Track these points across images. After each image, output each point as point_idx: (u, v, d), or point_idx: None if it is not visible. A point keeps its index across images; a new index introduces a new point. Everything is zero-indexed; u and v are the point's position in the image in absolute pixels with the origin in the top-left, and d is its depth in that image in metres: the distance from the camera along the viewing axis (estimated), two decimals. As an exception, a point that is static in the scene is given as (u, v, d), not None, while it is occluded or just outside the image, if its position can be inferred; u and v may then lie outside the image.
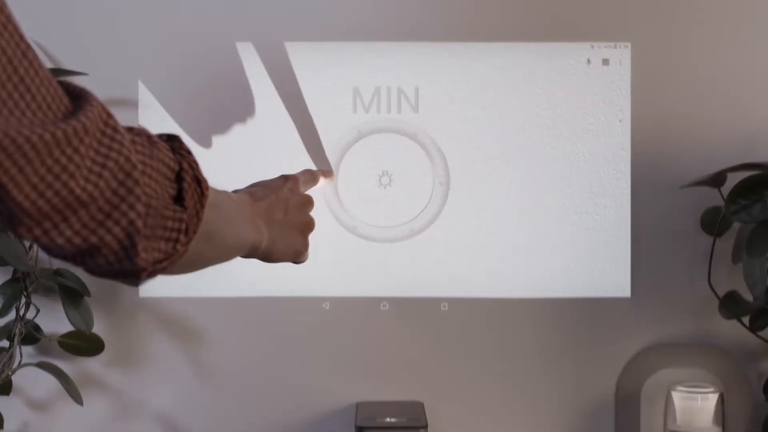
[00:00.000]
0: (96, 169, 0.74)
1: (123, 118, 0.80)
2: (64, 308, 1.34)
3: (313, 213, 1.25)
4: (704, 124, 1.39)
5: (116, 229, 0.76)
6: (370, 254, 1.41)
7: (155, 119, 1.39)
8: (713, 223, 1.37)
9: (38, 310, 1.38)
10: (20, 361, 1.37)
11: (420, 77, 1.40)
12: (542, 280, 1.40)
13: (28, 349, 1.40)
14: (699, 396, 1.35)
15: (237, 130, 1.40)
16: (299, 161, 1.38)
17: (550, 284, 1.40)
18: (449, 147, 1.40)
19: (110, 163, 0.74)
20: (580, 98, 1.39)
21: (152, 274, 0.84)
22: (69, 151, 0.72)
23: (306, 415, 1.42)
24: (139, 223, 0.77)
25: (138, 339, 1.43)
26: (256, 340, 1.42)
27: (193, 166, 0.85)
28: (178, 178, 0.83)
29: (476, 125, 1.40)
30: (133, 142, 0.78)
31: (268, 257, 1.13)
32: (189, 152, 0.86)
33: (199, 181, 0.85)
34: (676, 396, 1.36)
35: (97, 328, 1.41)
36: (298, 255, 1.20)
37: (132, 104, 1.39)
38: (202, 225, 0.85)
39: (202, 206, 0.85)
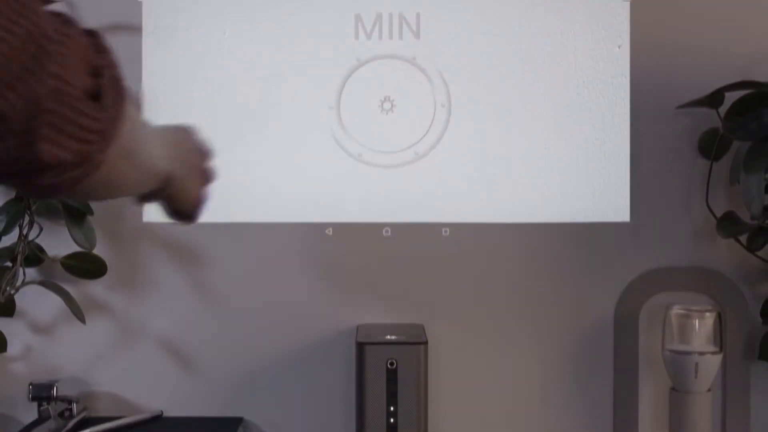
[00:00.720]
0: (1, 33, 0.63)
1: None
2: (68, 227, 1.35)
3: (317, 140, 1.25)
4: (703, 49, 1.41)
5: (19, 103, 0.65)
6: (373, 181, 1.43)
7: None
8: (711, 146, 1.38)
9: (41, 229, 1.39)
10: (23, 280, 1.38)
11: (421, 3, 1.42)
12: (543, 205, 1.42)
13: (31, 272, 1.41)
14: (696, 315, 1.37)
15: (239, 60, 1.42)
16: (299, 97, 1.40)
17: (550, 209, 1.42)
18: (450, 72, 1.42)
19: (17, 29, 0.65)
20: (579, 25, 1.41)
21: (61, 183, 0.70)
22: None
23: (308, 337, 1.44)
24: (48, 103, 0.66)
25: (141, 263, 1.44)
26: (259, 264, 1.44)
27: (114, 65, 0.73)
28: (97, 75, 0.71)
29: (477, 51, 1.42)
30: (51, 17, 0.68)
31: (170, 198, 0.96)
32: (110, 51, 0.73)
33: (120, 83, 0.72)
34: (674, 315, 1.38)
35: (100, 252, 1.42)
36: (198, 204, 1.01)
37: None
38: (122, 136, 0.72)
39: (122, 112, 0.72)
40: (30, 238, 1.39)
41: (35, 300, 1.44)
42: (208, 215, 1.41)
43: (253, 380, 1.44)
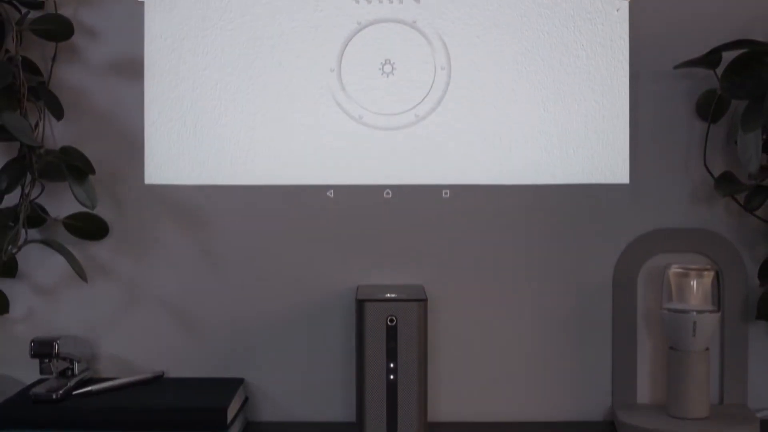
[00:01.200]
0: None
1: None
2: (70, 185, 1.36)
3: (318, 103, 1.25)
4: (702, 12, 1.41)
5: None
6: (374, 143, 1.44)
7: (163, 7, 1.42)
8: (709, 108, 1.39)
9: (43, 188, 1.41)
10: (26, 239, 1.39)
11: (422, -34, 1.43)
12: (542, 167, 1.43)
13: (33, 234, 1.42)
14: (694, 274, 1.38)
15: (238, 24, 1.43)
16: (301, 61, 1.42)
17: (550, 170, 1.43)
18: (450, 35, 1.43)
19: None
20: (579, -11, 1.43)
21: None
22: None
23: (309, 298, 1.45)
24: None
25: (142, 225, 1.46)
26: (261, 227, 1.45)
27: None
28: None
29: (477, 15, 1.43)
30: None
31: None
32: None
33: None
34: (672, 274, 1.39)
35: (101, 215, 1.43)
36: None
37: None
38: None
39: None
40: (32, 197, 1.40)
41: (37, 261, 1.45)
42: (209, 177, 1.45)
43: (254, 341, 1.45)
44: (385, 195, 1.45)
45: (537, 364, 1.45)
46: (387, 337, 1.32)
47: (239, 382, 1.43)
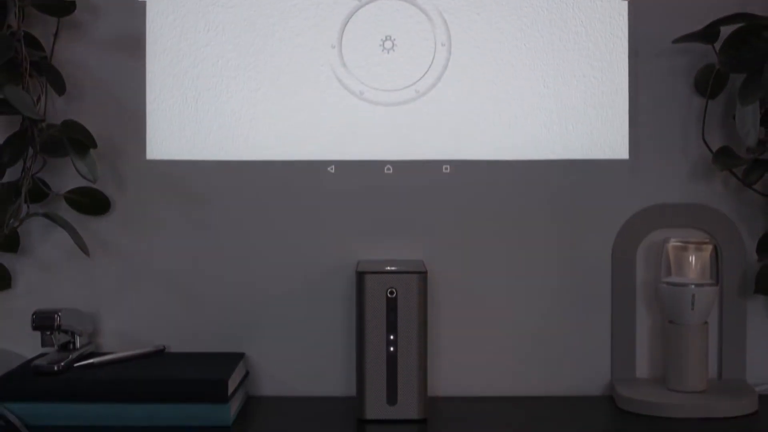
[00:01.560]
0: None
1: None
2: (71, 159, 1.36)
3: (320, 79, 1.26)
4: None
5: None
6: (375, 118, 1.45)
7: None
8: (707, 83, 1.40)
9: (45, 162, 1.41)
10: (27, 212, 1.40)
11: (423, -57, 1.44)
12: (542, 143, 1.44)
13: (36, 210, 1.43)
14: (693, 247, 1.39)
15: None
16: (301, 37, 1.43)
17: (549, 146, 1.44)
18: (450, 12, 1.44)
19: None
20: (578, -35, 1.44)
21: None
22: None
23: (310, 274, 1.46)
24: None
25: (144, 201, 1.46)
26: (262, 202, 1.46)
27: None
28: None
29: (477, -10, 1.44)
30: None
31: None
32: None
33: None
34: (671, 248, 1.39)
35: (104, 190, 1.44)
36: None
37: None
38: None
39: None
40: (33, 172, 1.41)
41: (39, 236, 1.46)
42: (210, 153, 1.46)
43: (255, 317, 1.46)
44: (385, 170, 1.45)
45: (536, 338, 1.45)
46: (387, 309, 1.33)
47: (240, 356, 1.43)
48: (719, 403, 1.34)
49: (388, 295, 1.33)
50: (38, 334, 1.39)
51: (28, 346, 1.43)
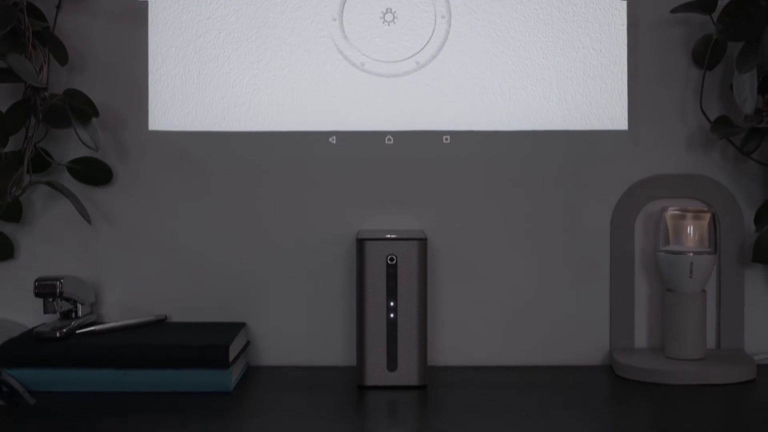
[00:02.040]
0: None
1: None
2: (74, 127, 1.37)
3: (321, 51, 1.27)
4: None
5: None
6: (376, 90, 1.46)
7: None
8: (705, 54, 1.41)
9: (47, 131, 1.42)
10: (30, 180, 1.41)
11: None
12: (541, 113, 1.45)
13: (38, 179, 1.44)
14: (691, 215, 1.40)
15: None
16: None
17: (549, 117, 1.45)
18: (451, -17, 1.45)
19: None
20: (577, -62, 1.45)
21: None
22: None
23: (311, 244, 1.46)
24: None
25: (146, 171, 1.47)
26: (264, 172, 1.47)
27: None
28: None
29: (477, -38, 1.45)
30: None
31: None
32: None
33: None
34: (669, 216, 1.40)
35: (106, 161, 1.45)
36: None
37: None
38: None
39: None
40: (35, 140, 1.42)
41: (42, 207, 1.47)
42: (212, 124, 1.47)
43: (256, 287, 1.47)
44: (386, 141, 1.46)
45: (535, 308, 1.46)
46: (387, 276, 1.34)
47: (241, 325, 1.44)
48: (717, 370, 1.35)
49: (388, 261, 1.34)
50: (41, 304, 1.41)
51: (30, 316, 1.44)
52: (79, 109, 1.38)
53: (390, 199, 1.47)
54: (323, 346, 1.47)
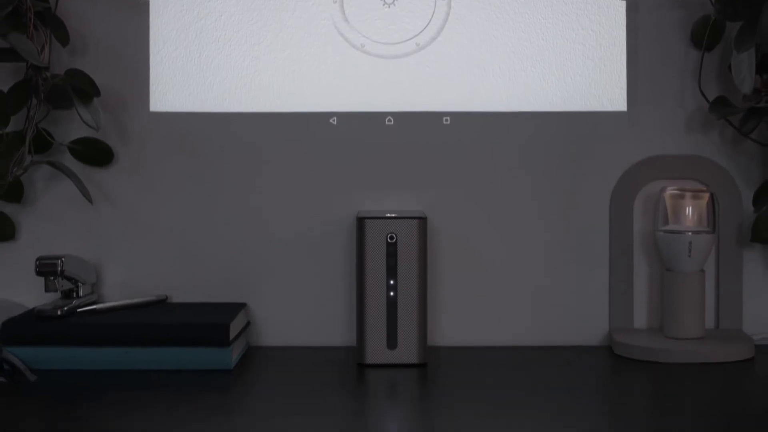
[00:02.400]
0: None
1: None
2: (75, 107, 1.38)
3: (321, 33, 1.28)
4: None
5: None
6: (376, 71, 1.47)
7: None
8: (704, 35, 1.42)
9: (49, 111, 1.43)
10: (31, 159, 1.41)
11: None
12: (541, 95, 1.46)
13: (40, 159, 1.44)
14: (690, 195, 1.40)
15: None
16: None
17: (548, 99, 1.46)
18: (451, -36, 1.46)
19: None
20: None
21: None
22: None
23: (311, 225, 1.47)
24: None
25: (147, 152, 1.48)
26: (265, 153, 1.47)
27: None
28: None
29: (477, -56, 1.46)
30: None
31: None
32: None
33: None
34: (668, 196, 1.41)
35: (108, 142, 1.46)
36: None
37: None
38: None
39: None
40: (37, 120, 1.42)
41: (43, 187, 1.47)
42: (213, 105, 1.47)
43: (256, 268, 1.47)
44: (386, 122, 1.47)
45: (535, 289, 1.47)
46: (387, 255, 1.34)
47: (241, 306, 1.45)
48: (715, 349, 1.36)
49: (388, 240, 1.34)
50: (42, 285, 1.41)
51: (32, 296, 1.45)
52: (80, 89, 1.39)
53: (390, 180, 1.47)
54: (324, 327, 1.47)
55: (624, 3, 1.45)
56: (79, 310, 1.38)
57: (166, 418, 1.14)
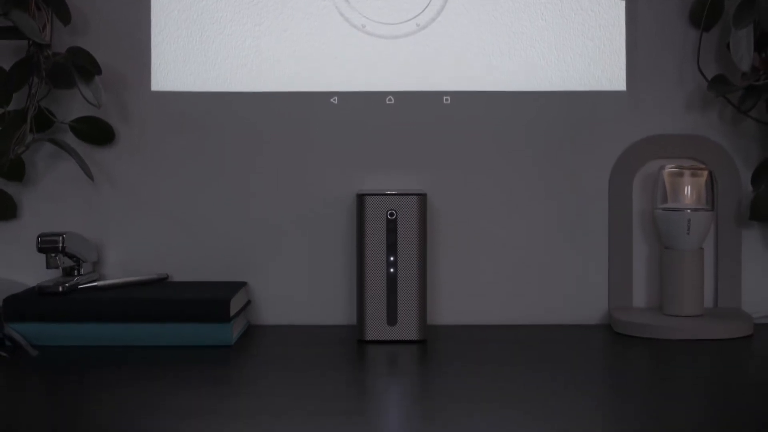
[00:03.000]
0: None
1: None
2: (77, 84, 1.38)
3: (322, 13, 1.29)
4: None
5: None
6: (377, 51, 1.47)
7: None
8: (702, 12, 1.42)
9: (50, 89, 1.43)
10: (33, 137, 1.42)
11: None
12: (541, 75, 1.47)
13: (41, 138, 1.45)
14: (688, 173, 1.41)
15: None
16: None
17: (548, 78, 1.47)
18: (452, -56, 1.47)
19: None
20: None
21: None
22: None
23: (312, 204, 1.48)
24: None
25: (148, 132, 1.48)
26: (266, 133, 1.48)
27: None
28: None
29: (477, -75, 1.47)
30: None
31: None
32: None
33: None
34: (667, 173, 1.41)
35: (109, 121, 1.47)
36: None
37: None
38: None
39: None
40: (38, 98, 1.43)
41: (45, 167, 1.48)
42: (214, 84, 1.48)
43: (257, 247, 1.48)
44: (387, 101, 1.48)
45: (534, 268, 1.47)
46: (387, 231, 1.35)
47: (242, 284, 1.45)
48: (714, 326, 1.36)
49: (388, 216, 1.35)
50: (43, 264, 1.41)
51: (33, 275, 1.45)
52: (82, 67, 1.40)
53: (391, 159, 1.48)
54: (324, 306, 1.48)
55: (623, -17, 1.46)
56: (80, 286, 1.39)
57: (167, 391, 1.15)
